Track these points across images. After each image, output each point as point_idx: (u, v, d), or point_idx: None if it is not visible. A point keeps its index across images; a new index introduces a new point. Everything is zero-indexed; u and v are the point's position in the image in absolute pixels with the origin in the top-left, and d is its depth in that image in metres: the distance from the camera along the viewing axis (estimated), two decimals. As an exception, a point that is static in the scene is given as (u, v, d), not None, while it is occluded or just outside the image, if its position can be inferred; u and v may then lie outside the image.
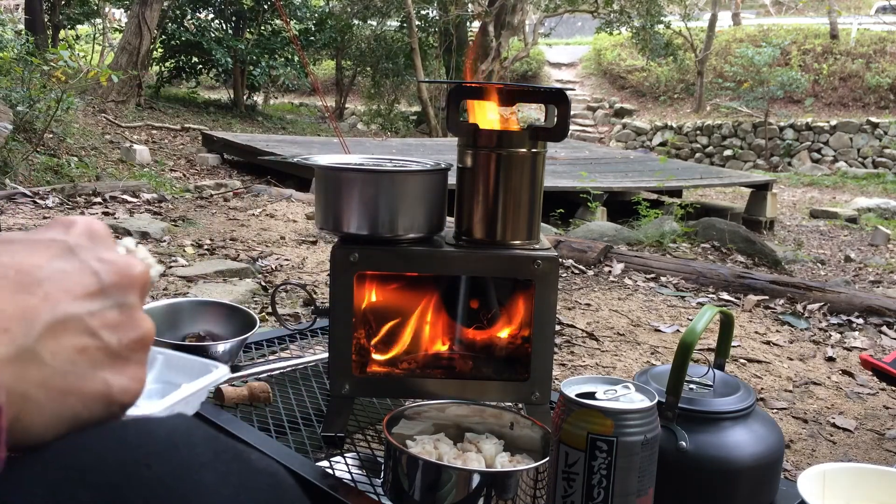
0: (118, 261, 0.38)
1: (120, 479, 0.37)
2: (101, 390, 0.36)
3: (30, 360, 0.32)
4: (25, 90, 6.33)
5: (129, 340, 0.38)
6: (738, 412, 0.92)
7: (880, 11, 17.75)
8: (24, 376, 0.32)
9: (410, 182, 1.04)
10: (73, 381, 0.35)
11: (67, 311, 0.34)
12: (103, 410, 0.37)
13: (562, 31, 20.19)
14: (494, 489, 0.84)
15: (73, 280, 0.35)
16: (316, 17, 13.41)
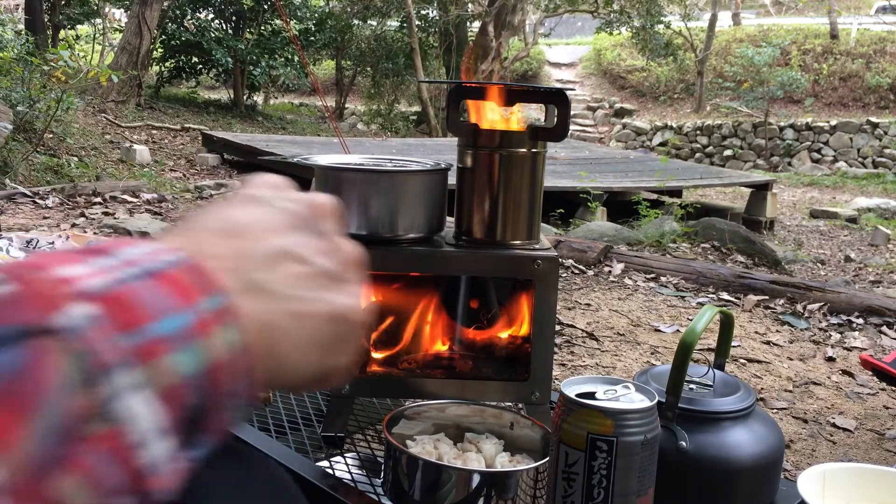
0: (302, 197, 0.41)
1: None
2: (327, 310, 0.37)
3: (259, 291, 0.34)
4: (25, 90, 6.33)
5: (339, 262, 0.39)
6: (738, 412, 0.92)
7: (880, 11, 17.75)
8: (260, 305, 0.34)
9: (410, 182, 1.04)
10: (301, 305, 0.36)
11: (275, 244, 0.37)
12: (337, 330, 0.38)
13: (562, 31, 20.20)
14: (494, 489, 0.84)
15: (271, 220, 0.38)
16: (316, 17, 13.42)
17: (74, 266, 0.29)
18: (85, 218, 4.34)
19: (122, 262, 0.31)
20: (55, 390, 0.25)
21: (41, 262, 0.29)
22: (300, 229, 0.39)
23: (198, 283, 0.32)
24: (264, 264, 0.36)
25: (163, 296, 0.30)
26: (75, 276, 0.28)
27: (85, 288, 0.28)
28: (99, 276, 0.29)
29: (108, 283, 0.29)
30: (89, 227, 4.08)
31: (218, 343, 0.31)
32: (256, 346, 0.33)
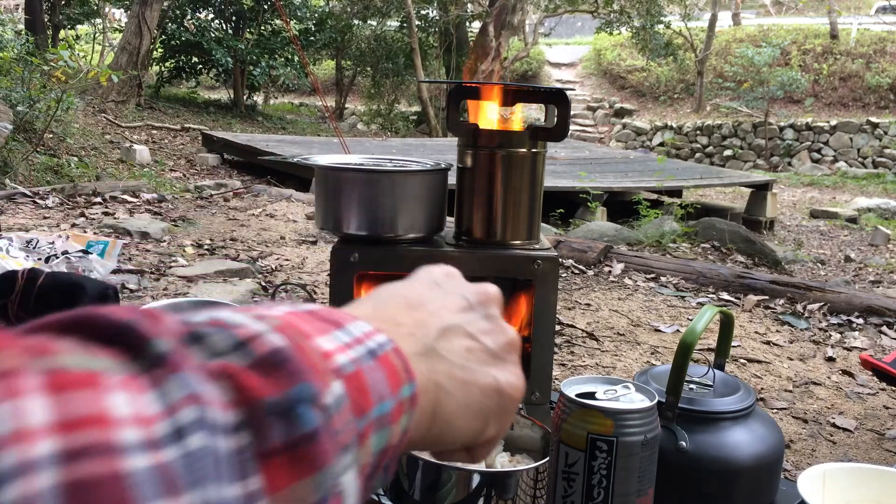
0: (476, 286, 0.46)
1: None
2: (491, 383, 0.41)
3: (433, 356, 0.39)
4: (25, 90, 6.34)
5: (503, 343, 0.43)
6: (738, 412, 0.92)
7: (880, 11, 17.75)
8: (433, 368, 0.39)
9: (410, 182, 1.04)
10: (468, 374, 0.40)
11: (450, 320, 0.42)
12: (498, 403, 0.41)
13: (562, 31, 20.20)
14: (494, 489, 0.84)
15: (448, 301, 0.44)
16: (316, 17, 13.42)
17: (324, 338, 0.32)
18: (85, 218, 4.34)
19: (354, 338, 0.34)
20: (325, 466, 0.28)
21: (303, 329, 0.31)
22: (470, 311, 0.44)
23: (401, 369, 0.35)
24: (440, 335, 0.41)
25: (382, 381, 0.33)
26: (329, 350, 0.31)
27: (336, 366, 0.31)
28: (342, 354, 0.32)
29: (349, 363, 0.32)
30: (89, 227, 4.09)
31: (397, 429, 0.34)
32: (425, 410, 0.37)
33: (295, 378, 0.28)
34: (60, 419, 0.22)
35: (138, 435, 0.23)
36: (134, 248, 3.69)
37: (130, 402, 0.24)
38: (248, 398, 0.27)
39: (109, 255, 3.05)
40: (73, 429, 0.22)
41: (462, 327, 0.42)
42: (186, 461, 0.24)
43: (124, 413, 0.23)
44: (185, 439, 0.24)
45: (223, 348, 0.28)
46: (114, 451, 0.22)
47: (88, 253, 2.94)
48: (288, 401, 0.28)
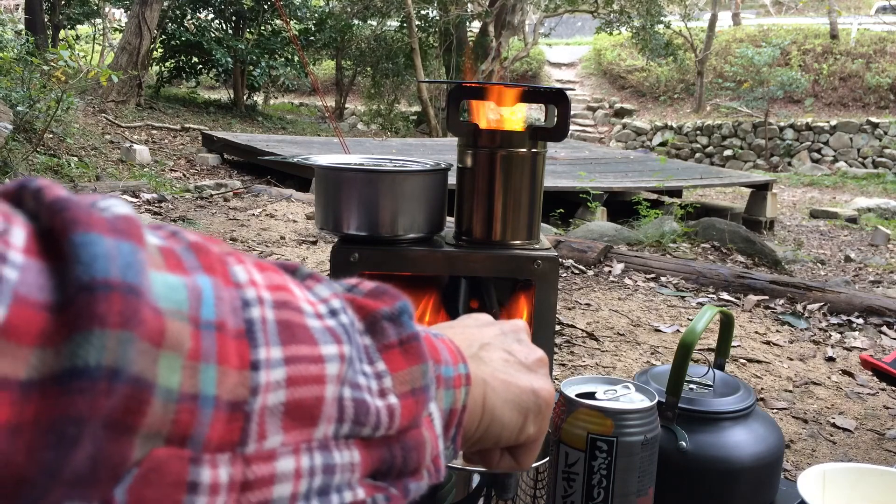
0: (506, 322, 0.57)
1: None
2: (528, 385, 0.49)
3: (478, 360, 0.48)
4: (25, 90, 6.33)
5: (534, 359, 0.52)
6: (738, 412, 0.92)
7: (880, 11, 17.76)
8: (479, 368, 0.47)
9: (410, 182, 1.04)
10: (508, 376, 0.49)
11: (488, 339, 0.52)
12: (535, 402, 0.49)
13: (562, 31, 20.20)
14: (494, 489, 0.84)
15: (484, 329, 0.54)
16: (316, 17, 13.42)
17: None
18: (85, 218, 4.34)
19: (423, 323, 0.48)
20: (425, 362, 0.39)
21: None
22: (504, 336, 0.54)
23: (457, 352, 0.45)
24: (481, 347, 0.50)
25: (446, 350, 0.43)
26: None
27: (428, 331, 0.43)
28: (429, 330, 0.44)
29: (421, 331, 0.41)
30: (89, 227, 4.08)
31: (459, 396, 0.43)
32: (476, 400, 0.46)
33: (397, 298, 0.40)
34: (268, 283, 0.32)
35: (310, 308, 0.34)
36: (134, 248, 3.68)
37: (301, 291, 0.35)
38: (367, 311, 0.38)
39: (109, 255, 3.04)
40: (276, 290, 0.32)
41: (500, 343, 0.52)
42: (342, 327, 0.35)
43: (300, 295, 0.34)
44: (338, 317, 0.35)
45: (340, 288, 0.39)
46: (300, 310, 0.33)
47: (88, 253, 2.93)
48: (395, 311, 0.39)
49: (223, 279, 0.30)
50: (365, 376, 0.35)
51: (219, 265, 0.31)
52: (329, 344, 0.33)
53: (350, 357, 0.34)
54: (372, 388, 0.35)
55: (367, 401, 0.35)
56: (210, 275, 0.30)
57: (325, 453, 0.33)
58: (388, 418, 0.36)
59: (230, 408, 0.29)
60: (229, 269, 0.31)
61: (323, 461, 0.32)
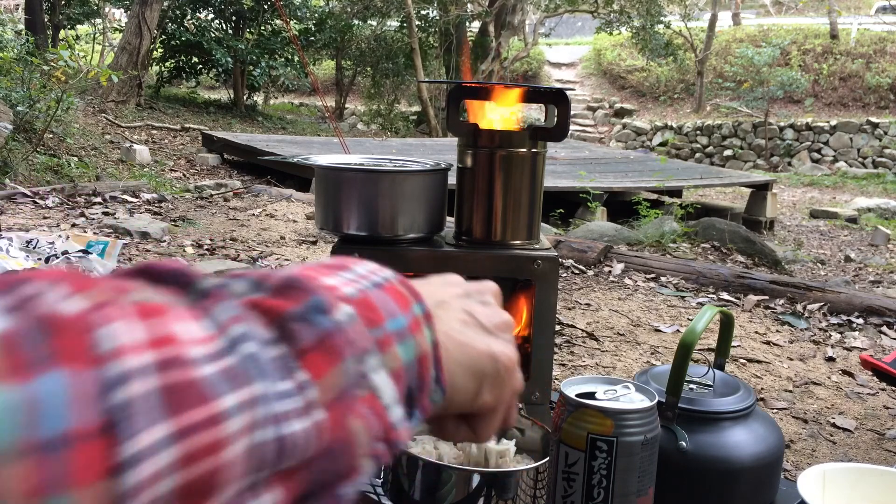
0: (475, 283, 0.54)
1: None
2: (485, 349, 0.47)
3: (435, 318, 0.44)
4: (25, 90, 6.33)
5: (497, 321, 0.49)
6: (738, 412, 0.92)
7: (880, 11, 17.76)
8: (437, 328, 0.44)
9: (410, 182, 1.04)
10: (465, 338, 0.46)
11: (448, 296, 0.49)
12: (493, 367, 0.47)
13: (562, 31, 20.20)
14: (494, 489, 0.84)
15: (448, 288, 0.51)
16: (316, 17, 13.42)
17: (329, 277, 0.40)
18: (85, 218, 4.34)
19: (358, 276, 0.42)
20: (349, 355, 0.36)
21: (310, 273, 0.39)
22: (468, 297, 0.51)
23: (408, 293, 0.43)
24: (440, 305, 0.47)
25: (389, 301, 0.41)
26: (334, 285, 0.39)
27: (343, 294, 0.39)
28: (349, 286, 0.40)
29: (356, 291, 0.39)
30: (89, 227, 4.08)
31: (423, 339, 0.41)
32: None
33: (308, 293, 0.36)
34: (149, 337, 0.28)
35: (204, 350, 0.30)
36: (134, 248, 3.69)
37: (192, 326, 0.30)
38: (275, 316, 0.34)
39: (109, 255, 3.05)
40: (158, 346, 0.28)
41: (458, 305, 0.49)
42: (243, 363, 0.31)
43: (191, 335, 0.30)
44: (238, 348, 0.31)
45: (245, 290, 0.35)
46: (189, 363, 0.29)
47: (88, 253, 2.94)
48: (306, 309, 0.35)
49: (81, 361, 0.26)
50: (285, 398, 0.32)
51: (77, 341, 0.26)
52: (229, 394, 0.29)
53: (260, 396, 0.30)
54: (297, 408, 0.32)
55: (291, 434, 0.31)
56: (62, 364, 0.25)
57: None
58: (316, 438, 0.33)
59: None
60: (93, 342, 0.26)
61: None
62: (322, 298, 0.36)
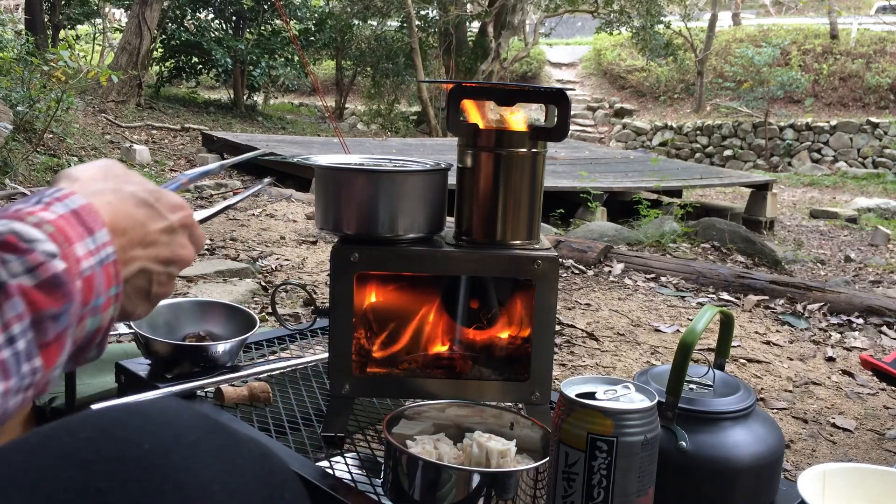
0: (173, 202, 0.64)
1: (114, 455, 0.39)
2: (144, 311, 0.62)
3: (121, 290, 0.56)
4: (25, 90, 6.33)
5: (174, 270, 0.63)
6: (738, 412, 0.92)
7: (880, 11, 17.75)
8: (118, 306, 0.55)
9: (410, 182, 1.04)
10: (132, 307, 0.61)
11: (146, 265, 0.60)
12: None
13: (562, 31, 20.19)
14: (494, 489, 0.84)
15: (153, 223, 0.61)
16: (316, 17, 13.41)
17: (80, 244, 0.51)
18: (85, 218, 4.33)
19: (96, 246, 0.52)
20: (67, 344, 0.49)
21: (69, 235, 0.50)
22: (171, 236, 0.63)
23: (113, 275, 0.54)
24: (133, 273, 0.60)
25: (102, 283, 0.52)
26: (80, 256, 0.50)
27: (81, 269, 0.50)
28: (87, 259, 0.51)
29: (88, 268, 0.51)
30: (89, 227, 4.08)
31: (106, 316, 0.53)
32: None
33: (66, 298, 0.47)
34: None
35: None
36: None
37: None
38: (37, 309, 0.45)
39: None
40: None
41: (150, 273, 0.61)
42: (14, 358, 0.43)
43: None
44: (14, 344, 0.43)
45: (20, 271, 0.45)
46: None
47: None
48: (59, 312, 0.46)
49: None
50: (21, 379, 0.44)
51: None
52: None
53: (11, 388, 0.43)
54: (22, 385, 0.44)
55: (7, 410, 0.43)
56: None
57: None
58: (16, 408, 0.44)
59: None
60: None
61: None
62: (72, 304, 0.47)
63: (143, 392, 1.16)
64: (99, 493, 0.40)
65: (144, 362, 1.26)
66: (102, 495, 0.40)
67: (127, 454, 0.41)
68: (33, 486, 0.39)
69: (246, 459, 0.45)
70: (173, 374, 1.23)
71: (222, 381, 1.20)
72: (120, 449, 0.41)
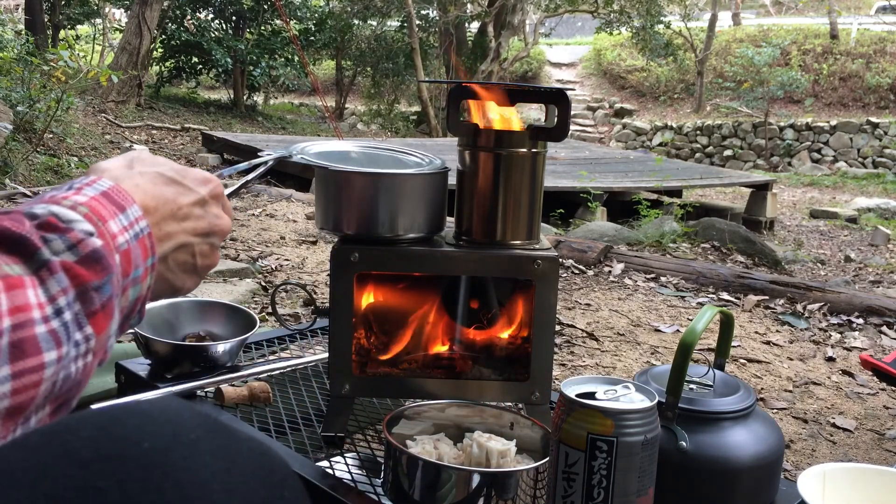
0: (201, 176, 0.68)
1: (113, 454, 0.39)
2: (187, 287, 0.68)
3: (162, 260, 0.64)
4: (25, 90, 6.33)
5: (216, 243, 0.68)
6: (738, 412, 0.92)
7: (880, 11, 17.75)
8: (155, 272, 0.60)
9: (410, 182, 1.04)
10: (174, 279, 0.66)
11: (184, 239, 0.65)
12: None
13: (562, 31, 20.19)
14: (494, 489, 0.84)
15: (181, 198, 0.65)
16: (316, 17, 13.41)
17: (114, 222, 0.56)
18: (85, 218, 4.33)
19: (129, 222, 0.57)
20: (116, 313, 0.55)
21: (102, 214, 0.55)
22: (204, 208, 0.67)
23: (149, 247, 0.59)
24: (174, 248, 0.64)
25: (139, 255, 0.57)
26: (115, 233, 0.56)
27: (118, 244, 0.55)
28: (122, 235, 0.56)
29: (124, 242, 0.56)
30: (89, 227, 4.07)
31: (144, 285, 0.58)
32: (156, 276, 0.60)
33: (106, 271, 0.51)
34: (10, 306, 0.44)
35: (39, 314, 0.46)
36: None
37: (34, 294, 0.46)
38: (81, 283, 0.49)
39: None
40: (15, 312, 0.44)
41: (192, 246, 0.65)
42: (63, 327, 0.47)
43: (33, 301, 0.46)
44: (62, 315, 0.47)
45: (62, 248, 0.49)
46: (31, 323, 0.45)
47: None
48: (102, 283, 0.50)
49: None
50: (76, 346, 0.48)
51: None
52: (51, 350, 0.46)
53: (65, 354, 0.46)
54: (79, 353, 0.48)
55: (72, 373, 0.47)
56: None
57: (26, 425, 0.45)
58: (82, 375, 0.49)
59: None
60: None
61: None
62: (113, 275, 0.51)
63: (143, 392, 1.16)
64: (98, 492, 0.40)
65: (144, 362, 1.26)
66: (102, 494, 0.40)
67: (126, 453, 0.41)
68: (33, 485, 0.39)
69: (246, 458, 0.45)
70: (173, 374, 1.23)
71: (222, 381, 1.20)
72: (119, 448, 0.41)
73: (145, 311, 0.59)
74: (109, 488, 0.39)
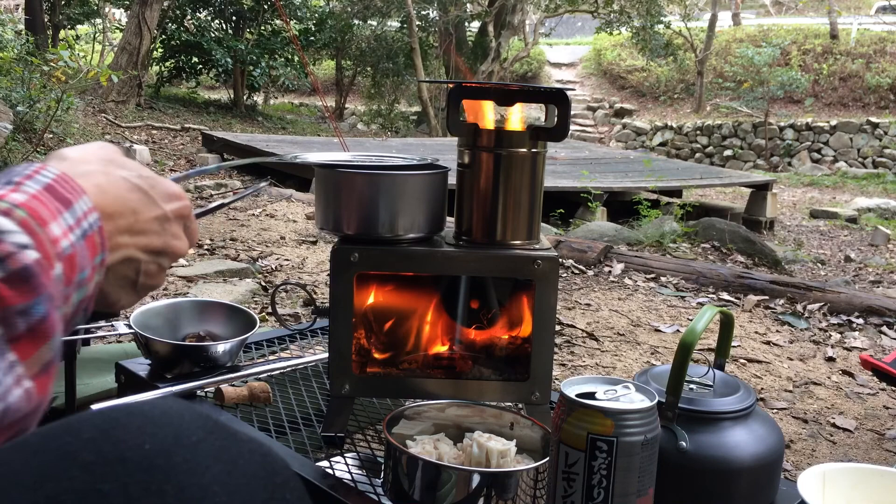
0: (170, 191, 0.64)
1: (115, 456, 0.39)
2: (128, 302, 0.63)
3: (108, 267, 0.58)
4: (25, 90, 6.33)
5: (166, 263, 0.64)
6: (738, 412, 0.92)
7: (880, 11, 17.75)
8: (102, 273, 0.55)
9: (410, 182, 1.04)
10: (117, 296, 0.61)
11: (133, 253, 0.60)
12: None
13: (562, 31, 20.19)
14: (494, 489, 0.84)
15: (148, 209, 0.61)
16: (316, 17, 13.41)
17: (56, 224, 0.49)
18: (85, 218, 4.33)
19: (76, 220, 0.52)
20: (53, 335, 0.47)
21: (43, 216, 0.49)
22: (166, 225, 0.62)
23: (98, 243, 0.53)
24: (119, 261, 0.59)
25: (86, 256, 0.51)
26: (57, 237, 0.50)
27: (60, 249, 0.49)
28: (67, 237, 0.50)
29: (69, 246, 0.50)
30: (89, 227, 4.08)
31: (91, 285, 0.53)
32: None
33: (37, 291, 0.44)
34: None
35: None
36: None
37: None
38: (3, 306, 0.42)
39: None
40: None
41: (138, 262, 0.60)
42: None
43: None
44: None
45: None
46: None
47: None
48: (29, 306, 0.43)
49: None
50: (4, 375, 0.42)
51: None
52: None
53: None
54: (10, 383, 0.42)
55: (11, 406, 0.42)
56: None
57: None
58: (27, 401, 0.43)
59: None
60: None
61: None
62: (46, 296, 0.45)
63: (143, 392, 1.16)
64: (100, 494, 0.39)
65: (144, 362, 1.26)
66: (103, 496, 0.39)
67: (128, 455, 0.41)
68: (34, 487, 0.39)
69: (247, 460, 0.45)
70: (173, 374, 1.23)
71: (222, 381, 1.20)
72: (121, 449, 0.41)
73: (92, 308, 0.54)
74: (112, 491, 0.39)
